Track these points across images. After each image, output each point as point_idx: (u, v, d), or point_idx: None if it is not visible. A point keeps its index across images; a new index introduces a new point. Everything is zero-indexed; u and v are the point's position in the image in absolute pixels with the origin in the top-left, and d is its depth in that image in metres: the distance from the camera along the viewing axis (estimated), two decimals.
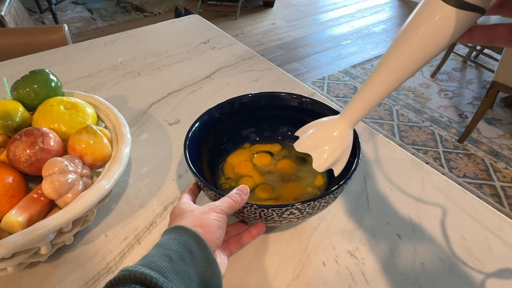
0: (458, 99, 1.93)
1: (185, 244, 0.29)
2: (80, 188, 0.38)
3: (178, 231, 0.30)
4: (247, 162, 0.49)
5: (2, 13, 1.23)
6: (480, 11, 0.24)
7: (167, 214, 0.46)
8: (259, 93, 0.50)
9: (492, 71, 1.80)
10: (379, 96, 0.31)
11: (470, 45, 2.04)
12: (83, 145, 0.41)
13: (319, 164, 0.34)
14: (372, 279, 0.39)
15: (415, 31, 0.26)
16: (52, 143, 0.41)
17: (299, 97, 0.49)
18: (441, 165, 1.56)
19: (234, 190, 0.36)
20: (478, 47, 2.05)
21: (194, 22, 0.97)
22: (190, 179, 0.51)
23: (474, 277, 0.39)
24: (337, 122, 0.35)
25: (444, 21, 0.24)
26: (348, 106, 0.34)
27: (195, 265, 0.28)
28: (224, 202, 0.34)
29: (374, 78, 0.30)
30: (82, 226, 0.40)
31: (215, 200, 0.38)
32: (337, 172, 0.35)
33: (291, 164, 0.48)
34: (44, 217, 0.37)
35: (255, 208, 0.35)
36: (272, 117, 0.51)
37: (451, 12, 0.24)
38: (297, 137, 0.51)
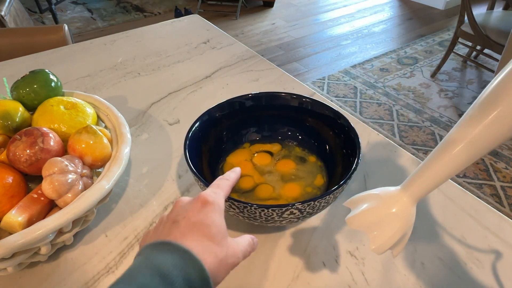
0: (458, 99, 1.93)
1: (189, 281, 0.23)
2: (80, 188, 0.38)
3: (189, 260, 0.23)
4: (247, 162, 0.49)
5: (2, 13, 1.23)
6: None
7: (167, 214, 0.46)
8: (259, 93, 0.50)
9: (492, 71, 1.80)
10: (454, 171, 0.26)
11: (470, 44, 2.04)
12: (83, 145, 0.41)
13: (379, 246, 0.28)
14: (372, 279, 0.39)
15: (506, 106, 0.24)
16: (52, 143, 0.41)
17: (299, 97, 0.49)
18: None
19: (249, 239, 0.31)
20: (478, 47, 2.05)
21: (194, 22, 0.97)
22: (190, 179, 0.51)
23: (474, 277, 0.39)
24: (398, 197, 0.29)
25: None
26: (414, 178, 0.29)
27: None
28: (245, 246, 0.30)
29: (457, 142, 0.26)
30: (82, 226, 0.40)
31: None
32: (396, 254, 0.30)
33: (291, 164, 0.48)
34: (44, 217, 0.37)
35: (255, 208, 0.35)
36: (272, 117, 0.51)
37: None
38: (298, 138, 0.52)
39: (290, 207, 0.35)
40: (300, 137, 0.51)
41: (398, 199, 0.29)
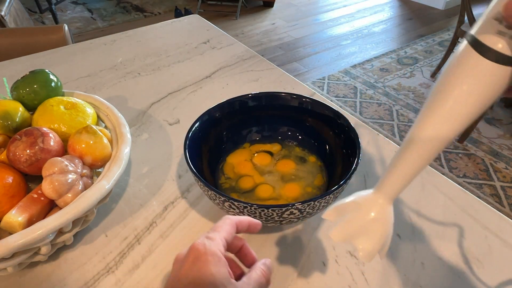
0: None
1: None
2: (80, 188, 0.38)
3: None
4: (247, 162, 0.49)
5: (2, 13, 1.23)
6: None
7: (167, 214, 0.46)
8: (259, 93, 0.50)
9: None
10: (423, 161, 0.26)
11: None
12: (83, 145, 0.41)
13: (368, 254, 0.28)
14: (372, 279, 0.39)
15: (456, 91, 0.23)
16: (52, 143, 0.41)
17: (299, 97, 0.49)
18: (441, 165, 1.56)
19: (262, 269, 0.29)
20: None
21: (194, 22, 0.97)
22: (190, 179, 0.51)
23: (474, 277, 0.39)
24: (374, 200, 0.29)
25: (488, 78, 0.22)
26: (386, 177, 0.29)
27: None
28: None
29: (414, 144, 0.26)
30: (82, 226, 0.40)
31: (215, 200, 0.38)
32: (382, 256, 0.29)
33: (291, 164, 0.48)
34: (44, 217, 0.37)
35: (255, 208, 0.35)
36: (272, 117, 0.51)
37: (493, 68, 0.22)
38: (298, 138, 0.52)
39: (290, 207, 0.35)
40: (300, 137, 0.51)
41: (374, 203, 0.29)
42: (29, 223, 0.36)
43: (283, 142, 0.52)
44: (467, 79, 0.23)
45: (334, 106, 0.49)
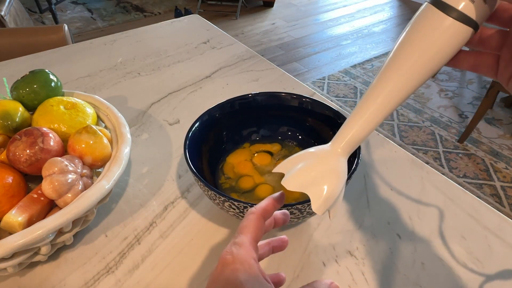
0: (458, 99, 1.93)
1: None
2: (80, 188, 0.38)
3: None
4: (247, 162, 0.49)
5: (2, 13, 1.23)
6: (475, 28, 0.23)
7: (167, 214, 0.46)
8: (259, 93, 0.50)
9: None
10: (377, 116, 0.27)
11: None
12: (83, 145, 0.41)
13: (320, 206, 0.27)
14: (372, 279, 0.39)
15: (415, 44, 0.24)
16: (52, 143, 0.41)
17: (299, 97, 0.49)
18: (441, 165, 1.56)
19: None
20: None
21: (194, 22, 0.97)
22: (190, 179, 0.51)
23: (474, 277, 0.39)
24: (330, 152, 0.28)
25: (447, 33, 0.23)
26: (341, 131, 0.29)
27: None
28: None
29: (370, 97, 0.27)
30: (82, 226, 0.40)
31: (215, 200, 0.38)
32: (332, 215, 0.29)
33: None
34: (44, 217, 0.37)
35: None
36: (272, 117, 0.51)
37: (453, 25, 0.23)
38: (298, 138, 0.52)
39: (290, 207, 0.35)
40: (300, 137, 0.51)
41: (330, 154, 0.28)
42: (29, 223, 0.36)
43: (283, 142, 0.52)
44: (428, 33, 0.24)
45: (334, 106, 0.49)
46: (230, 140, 0.51)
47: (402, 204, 0.47)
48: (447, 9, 0.23)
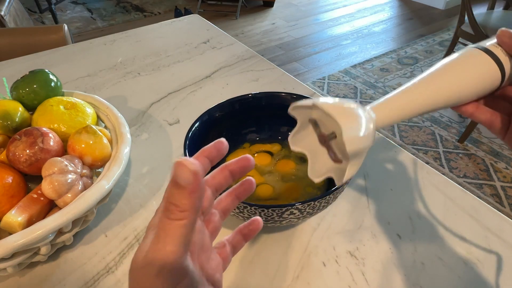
0: None
1: None
2: (80, 188, 0.38)
3: None
4: None
5: (2, 13, 1.23)
6: (503, 76, 0.28)
7: None
8: (259, 93, 0.50)
9: None
10: (423, 103, 0.27)
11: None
12: (83, 145, 0.41)
13: (352, 138, 0.23)
14: (372, 279, 0.39)
15: (458, 71, 0.28)
16: (51, 143, 0.41)
17: (299, 97, 0.49)
18: (442, 165, 1.56)
19: None
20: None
21: (194, 22, 0.97)
22: None
23: (474, 277, 0.39)
24: (368, 109, 0.27)
25: (485, 67, 0.28)
26: (384, 103, 0.27)
27: None
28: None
29: (416, 90, 0.28)
30: (82, 226, 0.40)
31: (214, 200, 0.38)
32: (348, 175, 0.25)
33: (291, 164, 0.48)
34: (44, 217, 0.37)
35: (255, 208, 0.35)
36: (272, 117, 0.51)
37: (491, 64, 0.27)
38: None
39: (290, 207, 0.35)
40: None
41: (367, 110, 0.27)
42: (29, 223, 0.36)
43: (283, 142, 0.52)
44: (476, 63, 0.28)
45: None
46: (230, 140, 0.50)
47: (402, 204, 0.47)
48: (489, 53, 0.28)
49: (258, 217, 0.28)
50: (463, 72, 0.28)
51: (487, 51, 0.28)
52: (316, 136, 0.27)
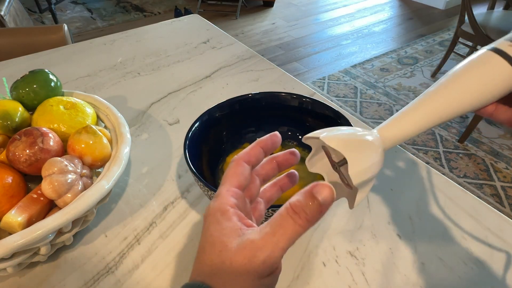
0: None
1: None
2: (79, 188, 0.38)
3: None
4: None
5: (2, 13, 1.23)
6: None
7: (167, 214, 0.46)
8: (259, 93, 0.50)
9: None
10: (432, 119, 0.27)
11: (470, 44, 2.04)
12: (83, 145, 0.41)
13: (358, 173, 0.24)
14: (372, 279, 0.39)
15: (473, 77, 0.27)
16: (51, 143, 0.41)
17: (299, 97, 0.49)
18: (442, 165, 1.56)
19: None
20: (479, 47, 2.04)
21: (194, 22, 0.97)
22: (190, 179, 0.51)
23: (475, 277, 0.39)
24: (375, 134, 0.27)
25: (500, 70, 0.27)
26: (390, 123, 0.27)
27: None
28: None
29: (428, 100, 0.27)
30: (81, 226, 0.40)
31: None
32: (358, 202, 0.26)
33: None
34: (43, 217, 0.37)
35: None
36: (272, 117, 0.51)
37: (504, 64, 0.26)
38: (298, 138, 0.51)
39: None
40: (300, 137, 0.51)
41: (373, 134, 0.27)
42: (29, 223, 0.36)
43: (283, 142, 0.52)
44: (485, 68, 0.27)
45: (334, 106, 0.49)
46: (230, 140, 0.51)
47: (402, 204, 0.47)
48: (501, 54, 0.27)
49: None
50: (475, 79, 0.27)
51: (498, 51, 0.27)
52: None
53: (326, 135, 0.26)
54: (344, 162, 0.26)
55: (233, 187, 0.24)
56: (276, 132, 0.28)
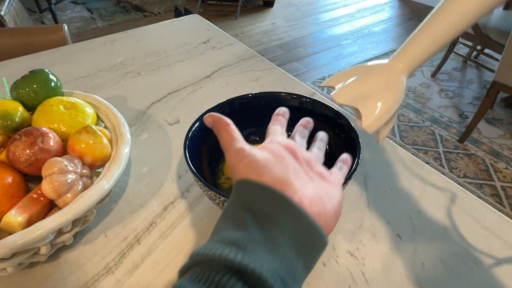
0: (459, 99, 1.93)
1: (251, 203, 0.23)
2: (79, 188, 0.38)
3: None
4: None
5: (2, 13, 1.23)
6: None
7: (167, 214, 0.46)
8: (259, 93, 0.50)
9: (493, 71, 1.80)
10: (444, 38, 0.25)
11: (470, 44, 2.04)
12: (83, 145, 0.41)
13: (372, 123, 0.25)
14: (373, 279, 0.39)
15: None
16: (51, 143, 0.41)
17: (299, 97, 0.49)
18: (442, 165, 1.56)
19: None
20: (479, 47, 2.05)
21: (194, 22, 0.97)
22: (190, 179, 0.51)
23: (475, 277, 0.39)
24: (390, 67, 0.26)
25: None
26: (406, 47, 0.26)
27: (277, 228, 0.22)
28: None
29: (438, 17, 0.26)
30: (81, 226, 0.40)
31: (215, 200, 0.38)
32: (382, 138, 0.27)
33: None
34: (43, 217, 0.37)
35: None
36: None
37: None
38: None
39: None
40: None
41: (390, 69, 0.26)
42: (29, 223, 0.36)
43: None
44: None
45: (334, 106, 0.49)
46: None
47: (402, 204, 0.47)
48: None
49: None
50: None
51: None
52: None
53: (337, 89, 0.26)
54: None
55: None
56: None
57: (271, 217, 0.22)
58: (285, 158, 0.27)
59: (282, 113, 0.35)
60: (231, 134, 0.29)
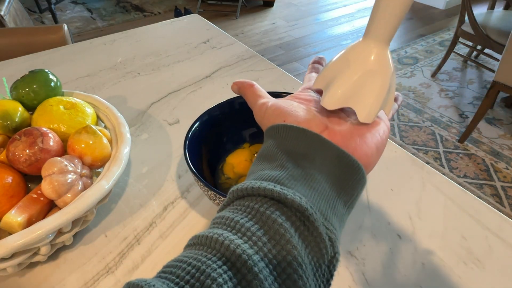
0: (459, 99, 1.93)
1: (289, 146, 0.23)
2: (79, 188, 0.38)
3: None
4: (247, 162, 0.49)
5: (2, 13, 1.23)
6: None
7: (167, 214, 0.46)
8: None
9: (493, 71, 1.80)
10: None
11: (470, 44, 2.04)
12: (83, 145, 0.41)
13: (368, 115, 0.24)
14: (372, 279, 0.39)
15: None
16: (51, 143, 0.41)
17: None
18: (442, 165, 1.56)
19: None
20: (479, 47, 2.05)
21: (194, 22, 0.97)
22: (190, 179, 0.51)
23: (475, 277, 0.39)
24: (367, 48, 0.25)
25: None
26: (373, 20, 0.25)
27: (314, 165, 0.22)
28: None
29: None
30: (81, 226, 0.40)
31: (215, 200, 0.38)
32: (388, 113, 0.27)
33: None
34: (43, 217, 0.37)
35: None
36: None
37: None
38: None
39: None
40: None
41: (367, 52, 0.25)
42: (29, 223, 0.36)
43: None
44: None
45: None
46: (230, 140, 0.51)
47: (402, 204, 0.47)
48: None
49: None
50: None
51: None
52: None
53: (324, 96, 0.26)
54: None
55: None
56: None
57: (308, 157, 0.22)
58: (312, 102, 0.27)
59: (318, 60, 0.35)
60: (255, 93, 0.31)
